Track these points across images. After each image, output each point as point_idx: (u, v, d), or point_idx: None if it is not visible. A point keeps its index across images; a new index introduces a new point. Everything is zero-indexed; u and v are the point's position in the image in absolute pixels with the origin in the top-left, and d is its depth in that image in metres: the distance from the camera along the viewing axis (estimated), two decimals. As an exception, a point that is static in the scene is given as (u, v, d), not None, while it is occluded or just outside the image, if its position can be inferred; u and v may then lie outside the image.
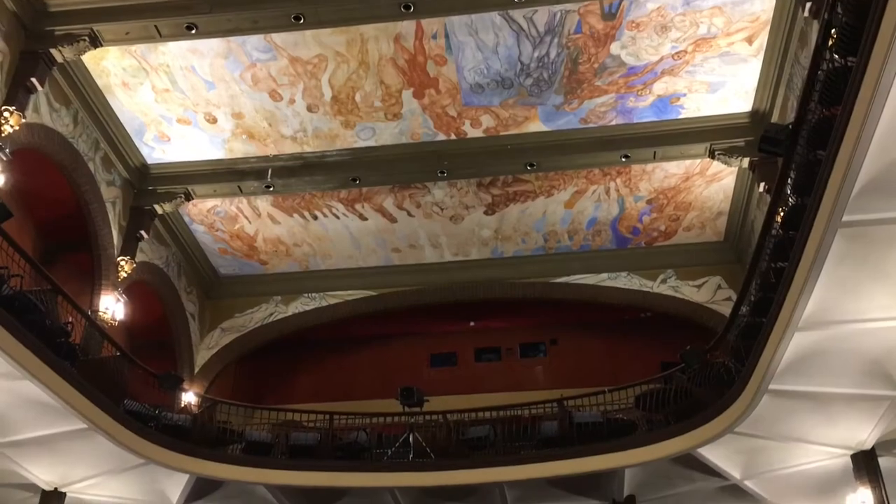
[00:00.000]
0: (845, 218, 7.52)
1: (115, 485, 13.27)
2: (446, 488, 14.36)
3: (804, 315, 8.85)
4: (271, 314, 19.58)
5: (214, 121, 15.25)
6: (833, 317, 8.95)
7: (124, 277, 15.34)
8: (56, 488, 12.80)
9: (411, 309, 19.83)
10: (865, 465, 11.25)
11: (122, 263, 15.28)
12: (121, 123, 15.32)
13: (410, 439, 14.86)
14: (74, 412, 11.04)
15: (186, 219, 17.85)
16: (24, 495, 13.00)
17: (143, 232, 16.00)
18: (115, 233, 15.41)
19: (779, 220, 9.98)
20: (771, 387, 10.34)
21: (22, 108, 12.20)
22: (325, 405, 15.76)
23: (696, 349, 13.11)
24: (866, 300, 8.67)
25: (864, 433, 11.06)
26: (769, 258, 10.18)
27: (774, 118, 14.16)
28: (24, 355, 9.92)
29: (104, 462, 12.52)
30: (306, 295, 19.74)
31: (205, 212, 17.63)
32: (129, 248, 15.64)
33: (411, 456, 14.68)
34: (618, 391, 14.49)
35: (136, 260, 15.81)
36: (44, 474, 12.54)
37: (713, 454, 12.54)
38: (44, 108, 13.47)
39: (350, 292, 19.62)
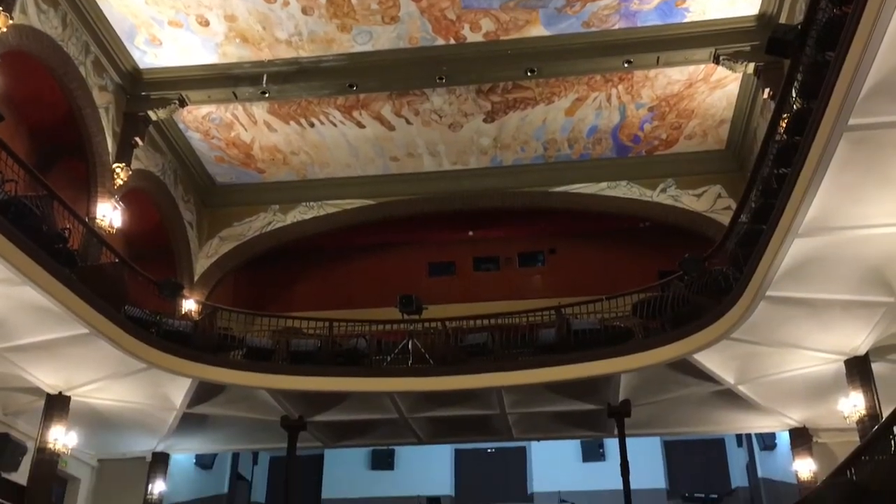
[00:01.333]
0: (851, 121, 7.39)
1: (119, 388, 13.48)
2: (445, 393, 14.62)
3: (805, 221, 8.81)
4: (269, 223, 19.53)
5: (206, 24, 14.83)
6: (834, 223, 8.92)
7: (120, 185, 15.20)
8: (61, 392, 12.99)
9: (410, 218, 19.76)
10: (859, 370, 11.42)
11: (118, 170, 15.12)
12: (110, 25, 14.91)
13: (409, 346, 15.04)
14: (75, 317, 11.10)
15: (181, 126, 17.58)
16: (30, 399, 13.21)
17: (137, 139, 15.75)
18: (109, 139, 15.18)
19: (783, 125, 9.83)
20: (768, 293, 10.39)
21: (9, 10, 11.82)
22: (325, 313, 15.87)
23: (694, 257, 13.14)
24: (868, 206, 8.63)
25: (859, 339, 11.19)
26: (772, 164, 10.07)
27: (782, 21, 13.79)
28: (23, 260, 9.90)
29: (107, 367, 12.69)
30: (304, 204, 19.63)
31: (200, 119, 17.35)
32: (124, 154, 15.43)
33: (410, 362, 14.89)
34: (615, 299, 14.58)
35: (132, 167, 15.63)
36: (48, 378, 12.71)
37: (708, 360, 12.71)
38: (31, 10, 13.08)
39: (348, 201, 19.51)
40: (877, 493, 6.93)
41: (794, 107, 9.41)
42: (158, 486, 15.85)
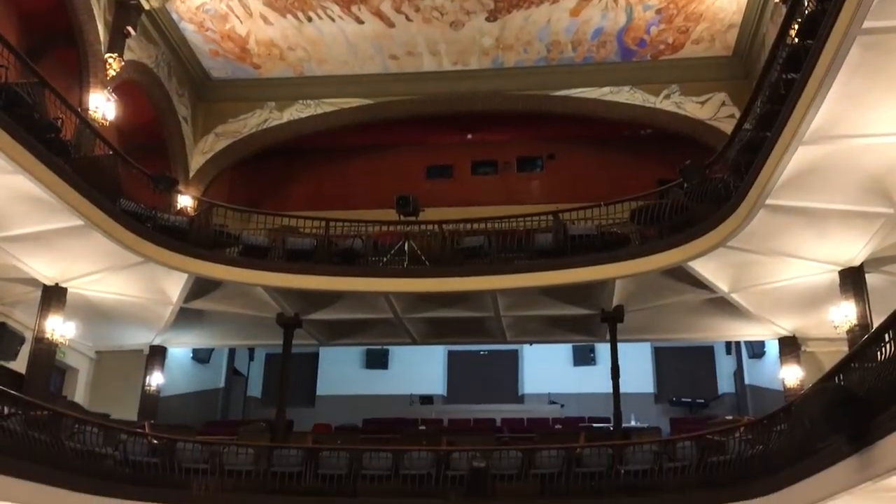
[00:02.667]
0: (866, 24, 7.14)
1: (116, 282, 13.54)
2: (440, 294, 14.71)
3: (811, 128, 8.67)
4: (266, 120, 19.23)
5: None
6: (839, 131, 8.78)
7: (113, 76, 14.82)
8: (57, 283, 13.04)
9: (408, 119, 19.45)
10: (852, 280, 11.48)
11: (110, 61, 14.73)
12: None
13: (406, 247, 15.05)
14: (69, 208, 11.03)
15: (175, 16, 17.04)
16: (26, 289, 13.28)
17: (129, 28, 15.28)
18: (100, 27, 14.71)
19: (795, 27, 9.54)
20: (768, 202, 10.34)
21: None
22: (322, 213, 15.80)
23: (695, 164, 13.01)
24: (875, 114, 8.47)
25: (855, 250, 11.21)
26: (781, 68, 9.83)
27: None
28: (14, 148, 9.75)
29: (102, 259, 12.70)
30: (301, 102, 19.28)
31: (193, 9, 16.80)
32: (116, 44, 14.99)
33: (406, 263, 14.93)
34: (613, 205, 14.53)
35: (125, 58, 15.23)
36: (44, 269, 12.73)
37: (703, 267, 12.76)
38: None
39: (346, 100, 19.16)
40: (864, 399, 7.03)
41: (807, 9, 9.12)
42: (156, 379, 16.13)
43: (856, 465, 7.18)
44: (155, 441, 12.62)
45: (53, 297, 13.00)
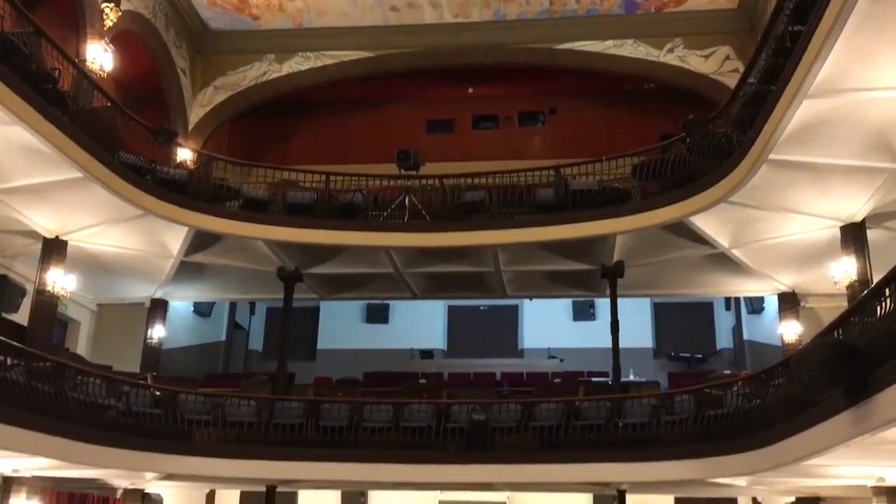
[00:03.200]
0: (875, -25, 7.03)
1: (116, 234, 13.53)
2: (440, 249, 14.71)
3: (816, 82, 8.56)
4: (265, 73, 19.03)
5: None
6: (845, 84, 8.67)
7: (110, 26, 14.63)
8: (57, 236, 13.03)
9: (408, 72, 19.25)
10: (854, 236, 11.46)
11: (107, 10, 14.51)
12: None
13: (406, 202, 15.01)
14: (68, 160, 10.96)
15: (172, -34, 16.81)
16: (26, 241, 13.27)
17: (126, -23, 15.07)
18: (96, -24, 14.50)
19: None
20: (771, 157, 10.27)
21: None
22: (322, 167, 15.72)
23: (698, 119, 12.91)
24: (882, 68, 8.35)
25: (857, 205, 11.17)
26: (786, 21, 9.68)
27: None
28: (11, 99, 9.64)
29: (102, 212, 12.67)
30: (301, 54, 19.05)
31: (191, -42, 16.58)
32: (112, -7, 14.79)
33: (406, 218, 14.90)
34: (615, 160, 14.45)
35: (122, 9, 15.00)
36: (43, 222, 12.71)
37: (704, 223, 12.74)
38: None
39: (346, 53, 18.94)
40: (863, 353, 7.05)
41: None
42: (158, 332, 16.21)
43: (853, 418, 7.23)
44: (157, 393, 12.75)
45: (54, 249, 13.00)
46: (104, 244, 13.80)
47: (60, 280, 12.94)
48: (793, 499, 13.34)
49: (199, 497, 17.70)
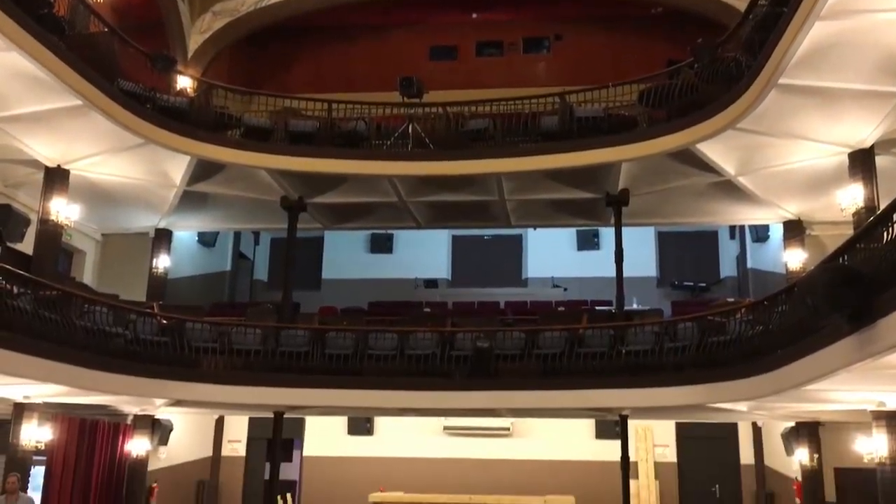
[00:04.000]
0: None
1: (118, 163, 13.44)
2: (444, 178, 14.62)
3: (829, 2, 8.33)
4: (264, -3, 18.63)
5: None
6: (858, 5, 8.47)
7: (105, -50, 14.30)
8: (59, 165, 12.97)
9: (411, -4, 18.89)
10: (862, 162, 11.33)
11: (102, -68, 14.17)
12: None
13: (409, 130, 14.86)
14: (66, 87, 10.81)
15: None
16: (28, 171, 13.21)
17: None
18: None
19: None
20: (781, 81, 10.08)
21: None
22: (324, 95, 15.50)
23: (707, 43, 12.65)
24: (897, -12, 8.15)
25: (866, 131, 11.01)
26: (801, -61, 9.39)
27: None
28: (6, 23, 9.45)
29: (103, 141, 12.56)
30: (300, -23, 18.64)
31: None
32: (106, -85, 14.41)
33: (410, 146, 14.77)
34: (621, 86, 14.22)
35: (117, -69, 14.66)
36: (45, 150, 12.62)
37: (711, 150, 12.61)
38: None
39: (347, -24, 18.52)
40: (868, 279, 7.03)
41: None
42: (163, 262, 16.25)
43: (856, 343, 7.25)
44: (164, 321, 12.84)
45: (56, 178, 12.95)
46: (106, 173, 13.73)
47: (64, 209, 12.93)
48: (792, 423, 13.56)
49: (209, 423, 18.04)
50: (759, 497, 16.33)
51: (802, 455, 13.19)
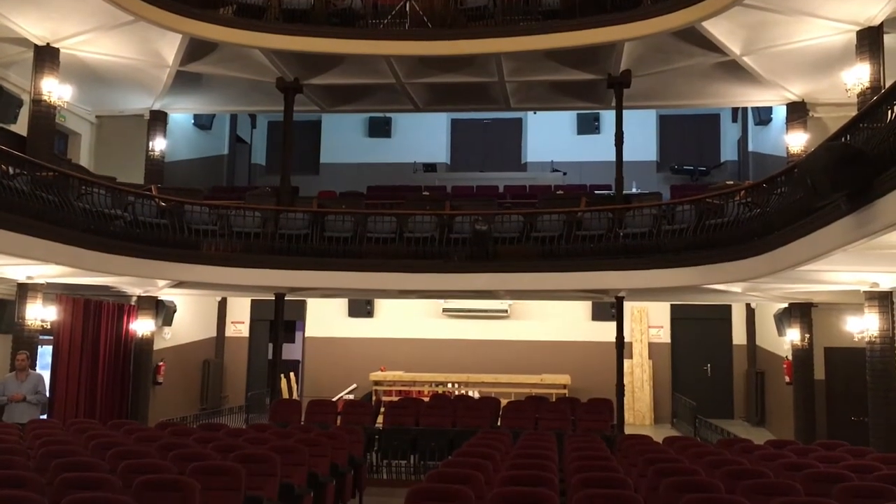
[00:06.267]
0: None
1: (108, 42, 13.10)
2: (443, 58, 14.31)
3: None
4: None
5: None
6: None
7: None
8: (48, 43, 12.66)
9: None
10: (869, 40, 11.08)
11: None
12: None
13: (407, 8, 14.46)
14: (51, -40, 10.43)
15: None
16: (18, 49, 12.89)
17: None
18: None
19: None
20: (792, -47, 9.73)
21: None
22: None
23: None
24: None
25: (876, 8, 10.71)
26: None
27: None
28: None
29: (92, 18, 12.19)
30: None
31: None
32: None
33: (408, 25, 14.40)
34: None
35: None
36: (33, 28, 12.27)
37: (717, 28, 12.27)
38: None
39: None
40: (870, 157, 6.98)
41: None
42: (159, 144, 16.12)
43: (854, 222, 7.26)
44: (163, 203, 12.85)
45: (46, 57, 12.67)
46: (97, 53, 13.40)
47: (56, 89, 12.70)
48: (786, 304, 13.78)
49: (212, 305, 18.36)
50: (750, 375, 16.81)
51: (794, 335, 13.47)
